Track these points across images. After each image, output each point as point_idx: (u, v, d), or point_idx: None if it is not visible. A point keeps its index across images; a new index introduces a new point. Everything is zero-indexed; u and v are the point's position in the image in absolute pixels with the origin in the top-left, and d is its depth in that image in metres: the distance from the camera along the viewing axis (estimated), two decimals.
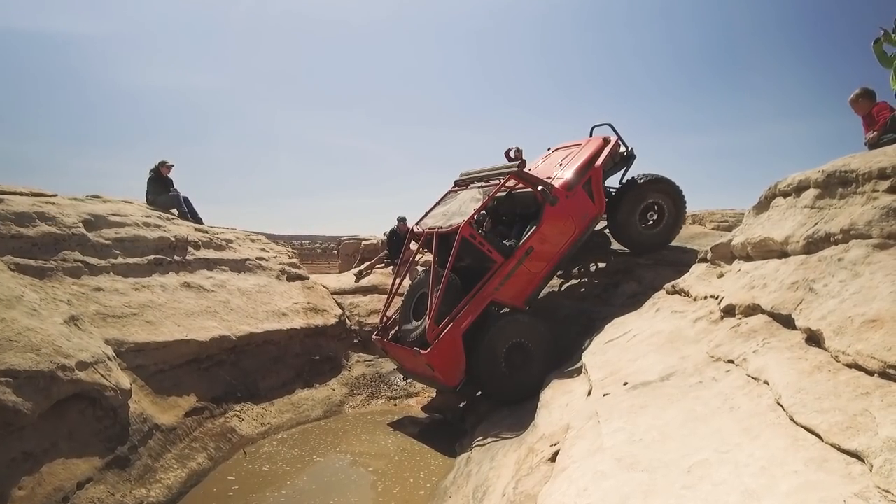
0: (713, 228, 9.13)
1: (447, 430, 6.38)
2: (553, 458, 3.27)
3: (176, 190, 9.29)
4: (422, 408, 7.23)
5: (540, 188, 6.37)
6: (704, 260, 5.00)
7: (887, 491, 1.48)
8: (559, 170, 6.96)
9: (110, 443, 4.47)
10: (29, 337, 4.16)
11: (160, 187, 9.14)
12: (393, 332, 6.87)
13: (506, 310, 6.34)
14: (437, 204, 7.22)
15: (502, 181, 6.38)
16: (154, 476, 4.68)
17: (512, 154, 10.07)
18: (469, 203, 6.49)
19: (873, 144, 4.34)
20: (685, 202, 7.32)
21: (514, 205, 7.11)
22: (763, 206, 4.40)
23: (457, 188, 7.35)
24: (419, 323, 6.11)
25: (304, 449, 5.93)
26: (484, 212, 7.13)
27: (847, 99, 5.09)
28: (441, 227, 6.28)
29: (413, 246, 7.23)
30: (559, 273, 7.81)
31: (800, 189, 3.81)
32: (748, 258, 4.05)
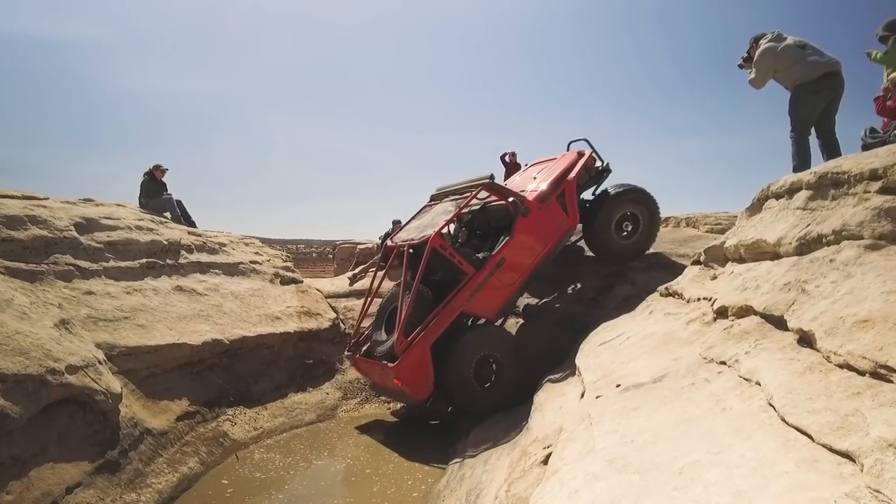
0: (707, 231, 9.15)
1: (442, 434, 6.35)
2: (546, 461, 3.26)
3: (169, 193, 9.29)
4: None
5: (511, 200, 6.35)
6: (698, 262, 5.01)
7: (878, 491, 1.48)
8: (534, 183, 7.00)
9: (100, 447, 4.43)
10: (18, 340, 4.13)
11: (154, 191, 9.13)
12: (365, 347, 6.84)
13: (481, 321, 6.33)
14: (412, 219, 7.23)
15: (473, 193, 6.37)
16: (145, 481, 4.64)
17: (507, 158, 10.10)
18: (441, 216, 6.49)
19: (867, 147, 4.35)
20: (659, 210, 7.39)
21: (488, 218, 7.10)
22: (756, 208, 4.42)
23: (432, 202, 7.35)
24: (390, 337, 6.07)
25: (298, 453, 5.89)
26: (463, 226, 7.13)
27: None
28: (413, 240, 6.26)
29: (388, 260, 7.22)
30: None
31: (792, 191, 3.82)
32: (741, 260, 4.05)
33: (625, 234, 7.26)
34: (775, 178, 4.20)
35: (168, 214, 8.97)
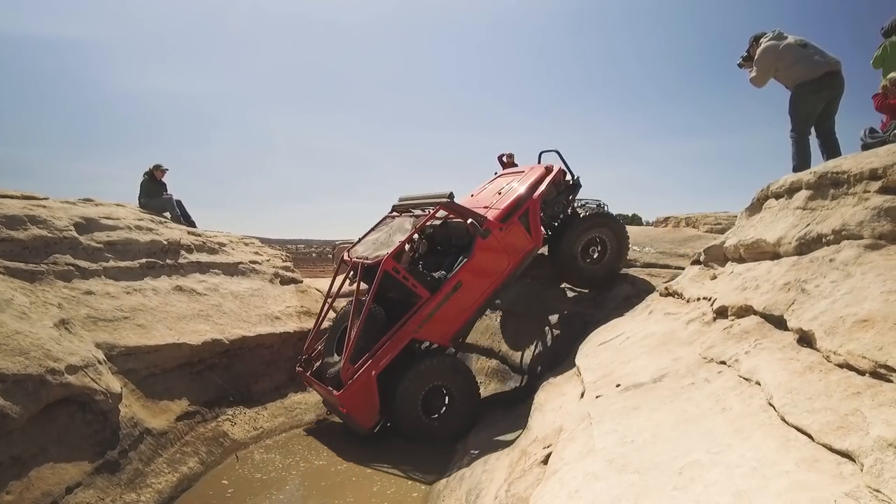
0: (707, 231, 9.17)
1: None
2: (545, 461, 3.26)
3: (169, 193, 9.29)
4: None
5: (470, 221, 6.10)
6: (697, 262, 5.01)
7: (878, 490, 1.48)
8: (498, 199, 6.68)
9: (100, 447, 4.42)
10: (18, 340, 4.12)
11: (153, 191, 9.13)
12: (318, 364, 6.69)
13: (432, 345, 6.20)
14: (372, 230, 7.03)
15: (431, 212, 6.18)
16: (145, 481, 4.63)
17: (504, 158, 10.07)
18: (397, 234, 6.26)
19: (866, 147, 4.36)
20: (626, 231, 7.25)
21: (449, 234, 6.86)
22: (755, 207, 4.42)
23: (393, 213, 7.14)
24: (340, 359, 5.89)
25: (297, 453, 5.89)
26: (423, 238, 6.95)
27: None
28: (367, 258, 6.09)
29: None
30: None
31: (792, 190, 3.83)
32: (741, 260, 4.05)
33: (593, 258, 7.09)
34: (775, 178, 4.21)
35: (168, 214, 8.96)
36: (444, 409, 5.98)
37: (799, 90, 5.01)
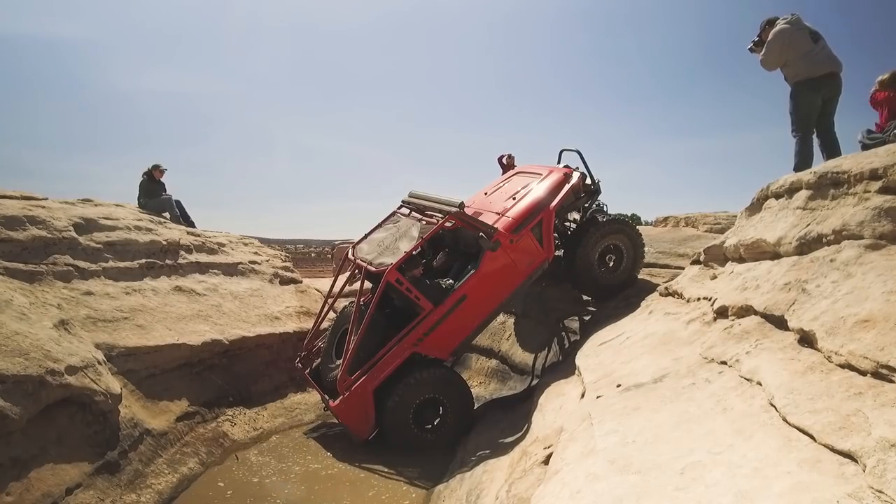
0: (706, 231, 9.15)
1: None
2: (546, 461, 3.26)
3: (168, 194, 9.28)
4: None
5: (480, 234, 5.86)
6: (697, 262, 5.02)
7: (881, 491, 1.48)
8: (511, 204, 6.42)
9: (100, 448, 4.42)
10: (17, 341, 4.11)
11: (153, 191, 9.13)
12: (317, 362, 6.60)
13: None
14: (379, 226, 6.87)
15: (440, 223, 5.94)
16: (144, 481, 4.63)
17: (504, 160, 10.03)
18: (404, 239, 6.10)
19: (866, 148, 4.37)
20: (641, 238, 6.94)
21: (457, 238, 6.65)
22: (755, 207, 4.42)
23: (402, 209, 6.95)
24: (339, 363, 5.80)
25: (297, 453, 5.88)
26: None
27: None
28: (370, 264, 5.96)
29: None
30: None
31: (792, 190, 3.83)
32: (741, 260, 4.06)
33: (608, 266, 6.78)
34: (775, 178, 4.22)
35: (167, 215, 8.96)
36: (437, 420, 5.90)
37: (799, 87, 4.99)
